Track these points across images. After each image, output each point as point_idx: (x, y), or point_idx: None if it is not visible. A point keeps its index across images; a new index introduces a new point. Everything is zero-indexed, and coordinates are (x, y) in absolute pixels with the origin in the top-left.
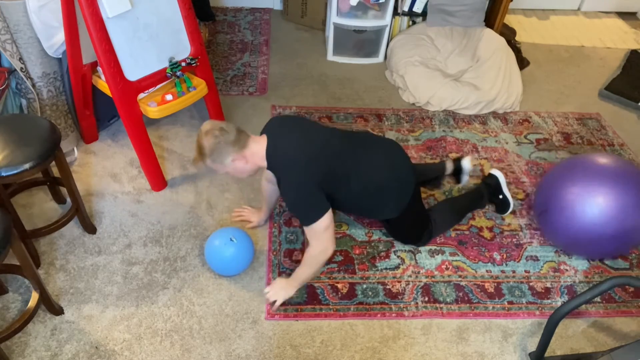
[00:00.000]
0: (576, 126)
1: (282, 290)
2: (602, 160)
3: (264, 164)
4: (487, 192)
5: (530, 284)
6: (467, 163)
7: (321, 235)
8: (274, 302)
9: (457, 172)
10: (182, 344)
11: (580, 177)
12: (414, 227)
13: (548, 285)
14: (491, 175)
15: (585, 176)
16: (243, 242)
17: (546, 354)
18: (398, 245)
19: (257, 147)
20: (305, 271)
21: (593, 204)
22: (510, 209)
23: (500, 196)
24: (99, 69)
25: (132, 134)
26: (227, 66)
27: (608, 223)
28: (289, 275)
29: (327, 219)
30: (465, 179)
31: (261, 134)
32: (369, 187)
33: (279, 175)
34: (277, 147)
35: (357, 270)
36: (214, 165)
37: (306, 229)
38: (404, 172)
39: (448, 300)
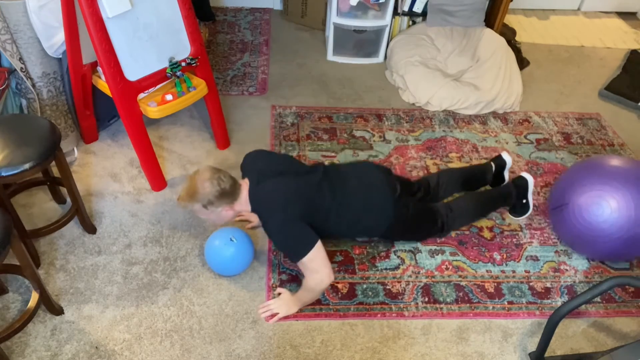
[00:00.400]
0: (576, 126)
1: (285, 305)
2: (630, 164)
3: (248, 207)
4: (517, 193)
5: (530, 284)
6: (507, 156)
7: (313, 266)
8: (273, 315)
9: (500, 169)
10: (182, 344)
11: (605, 176)
12: (415, 228)
13: (548, 285)
14: (521, 177)
15: (610, 175)
16: (243, 242)
17: (546, 354)
18: (398, 245)
19: (243, 194)
20: (306, 295)
21: (613, 204)
22: (527, 215)
23: (524, 200)
24: (99, 69)
25: (132, 134)
26: (227, 66)
27: (624, 225)
28: (289, 275)
29: (316, 250)
30: (507, 175)
31: (242, 172)
32: (348, 214)
33: (262, 219)
34: (258, 191)
35: (357, 270)
36: (200, 210)
37: (298, 264)
38: (379, 194)
39: (448, 300)
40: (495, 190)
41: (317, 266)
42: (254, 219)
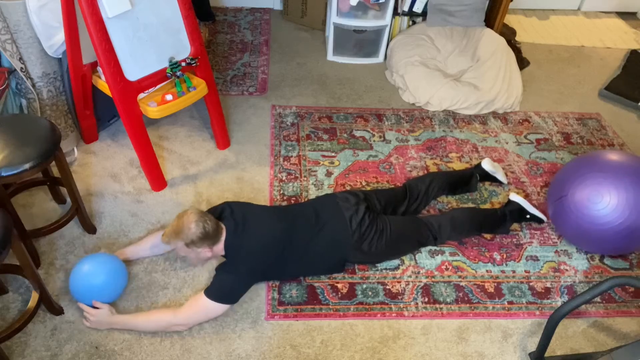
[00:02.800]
0: (576, 126)
1: (104, 324)
2: (628, 156)
3: (222, 253)
4: (512, 217)
5: (530, 284)
6: (486, 165)
7: (196, 313)
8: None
9: (487, 176)
10: (182, 344)
11: (603, 168)
12: (400, 246)
13: (548, 285)
14: (511, 202)
15: (608, 167)
16: (114, 271)
17: (546, 354)
18: None
19: (222, 239)
20: (141, 325)
21: (612, 194)
22: (545, 222)
23: (528, 216)
24: (99, 69)
25: (132, 134)
26: (227, 66)
27: (624, 215)
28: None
29: (220, 309)
30: (500, 176)
31: (219, 217)
32: (313, 255)
33: (230, 261)
34: (235, 239)
35: (357, 270)
36: (182, 248)
37: (198, 298)
38: (339, 231)
39: (448, 300)
40: (493, 213)
41: (196, 316)
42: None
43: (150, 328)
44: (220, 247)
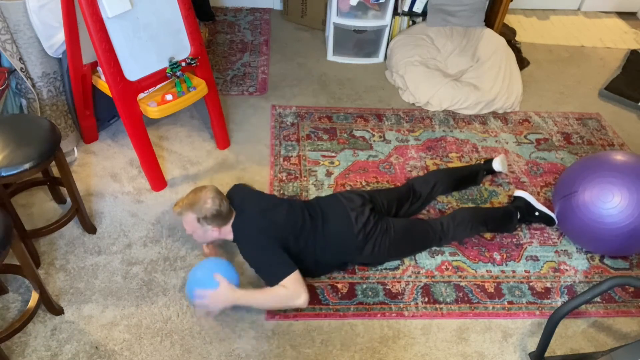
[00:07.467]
0: (576, 126)
1: (223, 302)
2: (637, 158)
3: (231, 237)
4: (520, 214)
5: (530, 284)
6: (497, 165)
7: (287, 295)
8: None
9: (492, 172)
10: (182, 344)
11: (613, 168)
12: (405, 246)
13: (548, 285)
14: (517, 198)
15: (618, 167)
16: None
17: (546, 354)
18: None
19: (230, 222)
20: (260, 300)
21: (622, 194)
22: (556, 223)
23: (537, 213)
24: (99, 69)
25: (132, 134)
26: (227, 66)
27: (630, 215)
28: None
29: (295, 276)
30: (506, 169)
31: (229, 201)
32: (320, 250)
33: (240, 246)
34: (242, 220)
35: (357, 270)
36: (191, 222)
37: (272, 291)
38: (344, 231)
39: (448, 300)
40: (497, 210)
41: (296, 287)
42: (207, 251)
43: (268, 304)
44: (227, 230)
